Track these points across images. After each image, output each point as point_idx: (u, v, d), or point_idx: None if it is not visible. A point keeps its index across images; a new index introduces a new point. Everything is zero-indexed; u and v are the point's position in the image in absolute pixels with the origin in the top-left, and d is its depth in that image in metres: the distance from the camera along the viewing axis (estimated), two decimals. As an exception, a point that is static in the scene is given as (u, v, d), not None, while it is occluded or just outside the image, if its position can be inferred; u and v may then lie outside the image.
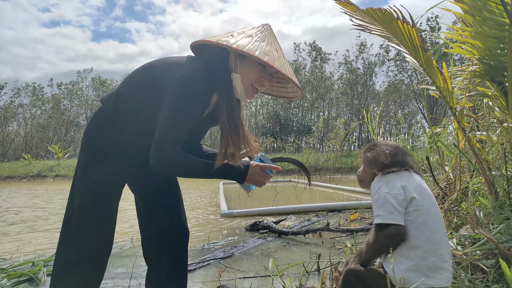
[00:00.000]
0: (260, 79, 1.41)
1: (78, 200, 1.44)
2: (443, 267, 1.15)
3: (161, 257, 1.57)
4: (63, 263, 1.44)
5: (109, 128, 1.43)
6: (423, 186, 1.25)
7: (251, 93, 1.44)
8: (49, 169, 19.89)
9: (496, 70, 2.09)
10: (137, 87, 1.41)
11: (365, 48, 30.42)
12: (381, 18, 1.94)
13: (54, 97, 36.37)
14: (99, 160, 1.44)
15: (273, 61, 1.31)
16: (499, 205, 1.92)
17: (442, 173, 3.08)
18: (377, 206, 1.21)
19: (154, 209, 1.60)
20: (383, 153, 1.33)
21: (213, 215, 5.31)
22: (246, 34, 1.38)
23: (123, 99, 1.42)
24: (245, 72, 1.39)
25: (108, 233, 1.53)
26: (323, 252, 2.84)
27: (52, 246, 3.56)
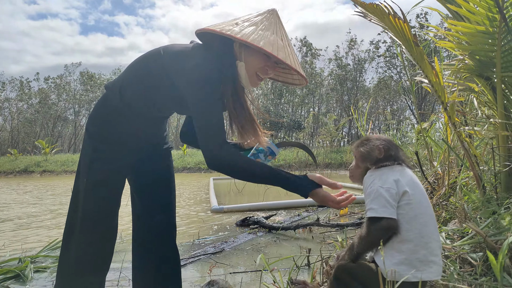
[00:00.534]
0: (264, 68, 1.40)
1: (84, 189, 1.42)
2: (434, 260, 1.15)
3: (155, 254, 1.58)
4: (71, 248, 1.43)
5: (117, 115, 1.43)
6: (414, 180, 1.25)
7: (255, 81, 1.43)
8: (36, 165, 19.59)
9: (484, 65, 2.10)
10: (144, 74, 1.40)
11: (355, 44, 30.53)
12: (374, 13, 1.95)
13: (41, 91, 35.71)
14: (108, 147, 1.43)
15: (277, 51, 1.30)
16: (486, 200, 1.95)
17: (431, 168, 3.11)
18: (370, 200, 1.20)
19: (151, 206, 1.60)
20: (377, 148, 1.32)
21: (203, 210, 5.29)
22: (251, 22, 1.36)
23: (130, 86, 1.42)
24: (250, 61, 1.38)
25: (115, 222, 1.52)
26: (313, 247, 2.85)
27: (39, 243, 3.50)
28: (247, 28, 1.32)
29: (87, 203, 1.41)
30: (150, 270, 1.58)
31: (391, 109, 31.95)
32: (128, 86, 1.42)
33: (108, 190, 1.45)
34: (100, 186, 1.42)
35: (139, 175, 1.60)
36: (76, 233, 1.42)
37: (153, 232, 1.58)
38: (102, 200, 1.44)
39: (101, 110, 1.47)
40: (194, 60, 1.32)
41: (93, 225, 1.42)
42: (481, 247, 1.52)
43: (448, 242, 1.65)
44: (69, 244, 1.43)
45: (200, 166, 17.54)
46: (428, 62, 1.95)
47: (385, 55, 28.22)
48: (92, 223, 1.42)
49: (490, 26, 1.91)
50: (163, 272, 1.58)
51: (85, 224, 1.42)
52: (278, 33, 1.37)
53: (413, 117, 26.51)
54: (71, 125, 38.45)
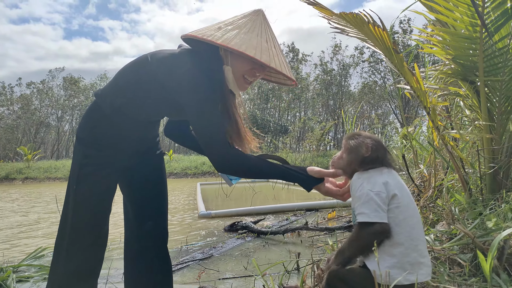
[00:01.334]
0: (251, 71, 1.38)
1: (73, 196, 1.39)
2: (423, 262, 1.16)
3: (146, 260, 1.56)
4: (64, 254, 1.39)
5: (107, 121, 1.41)
6: (402, 183, 1.26)
7: (243, 85, 1.41)
8: (18, 172, 19.11)
9: (468, 69, 2.15)
10: (133, 81, 1.39)
11: (339, 49, 30.91)
12: (354, 22, 1.97)
13: (23, 97, 34.96)
14: (98, 153, 1.41)
15: (260, 54, 1.27)
16: (472, 201, 1.98)
17: (415, 171, 3.15)
18: (360, 204, 1.19)
19: (143, 212, 1.58)
20: (365, 145, 1.29)
21: (191, 216, 5.24)
22: (235, 26, 1.34)
23: (119, 94, 1.40)
24: (236, 64, 1.37)
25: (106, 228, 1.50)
26: (302, 251, 2.85)
27: (22, 252, 3.40)
28: (229, 33, 1.30)
29: (77, 209, 1.39)
30: (142, 276, 1.56)
31: (376, 113, 32.40)
32: (117, 93, 1.41)
33: (99, 196, 1.42)
34: (90, 193, 1.40)
35: (130, 181, 1.58)
36: (67, 239, 1.39)
37: (145, 238, 1.56)
38: (92, 207, 1.41)
39: (91, 117, 1.45)
40: (184, 66, 1.31)
41: (83, 232, 1.40)
42: (469, 248, 1.54)
43: (437, 243, 1.67)
44: (60, 250, 1.40)
45: (187, 171, 17.41)
46: (408, 69, 1.97)
47: (370, 60, 28.64)
48: (82, 229, 1.40)
49: (473, 32, 1.96)
50: (155, 278, 1.56)
51: (75, 231, 1.39)
52: (262, 35, 1.35)
53: (397, 121, 26.96)
54: (54, 131, 37.75)
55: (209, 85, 1.31)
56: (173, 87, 1.32)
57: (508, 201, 1.82)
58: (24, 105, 34.31)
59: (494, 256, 1.18)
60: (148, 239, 1.57)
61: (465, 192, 2.10)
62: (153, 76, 1.35)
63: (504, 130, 2.08)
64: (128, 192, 1.60)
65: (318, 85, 32.07)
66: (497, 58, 2.00)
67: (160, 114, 1.51)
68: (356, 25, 2.02)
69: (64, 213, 1.43)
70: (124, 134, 1.44)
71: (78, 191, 1.39)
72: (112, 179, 1.47)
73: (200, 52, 1.40)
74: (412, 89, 2.12)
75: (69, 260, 1.38)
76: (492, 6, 1.89)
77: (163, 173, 1.68)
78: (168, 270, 1.62)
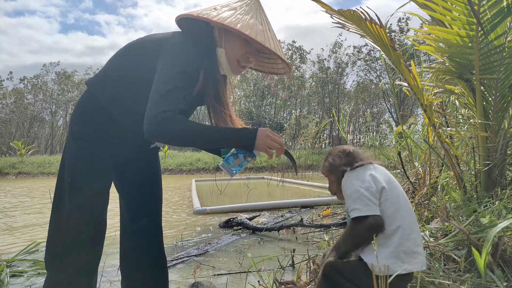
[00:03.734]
0: (245, 55, 1.36)
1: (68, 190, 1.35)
2: (417, 251, 1.18)
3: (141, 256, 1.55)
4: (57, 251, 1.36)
5: (101, 112, 1.37)
6: (389, 176, 1.29)
7: (237, 69, 1.39)
8: (11, 166, 18.93)
9: (464, 68, 2.16)
10: (127, 66, 1.36)
11: (340, 47, 30.91)
12: (351, 19, 1.97)
13: (16, 91, 34.59)
14: (92, 146, 1.37)
15: (255, 34, 1.25)
16: (467, 199, 2.00)
17: (411, 169, 3.16)
18: (352, 201, 1.22)
19: (137, 208, 1.56)
20: (337, 155, 1.37)
21: (185, 212, 5.23)
22: (230, 7, 1.32)
23: (112, 80, 1.36)
24: (230, 47, 1.35)
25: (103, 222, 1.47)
26: (297, 248, 2.86)
27: (15, 246, 3.38)
28: (225, 13, 1.29)
29: (73, 204, 1.35)
30: (137, 271, 1.55)
31: (371, 112, 32.51)
32: (110, 80, 1.36)
33: (93, 189, 1.39)
34: (85, 186, 1.36)
35: (125, 176, 1.56)
36: (64, 235, 1.35)
37: (139, 234, 1.55)
38: (88, 200, 1.38)
39: (84, 108, 1.40)
40: (172, 40, 1.29)
41: (81, 227, 1.36)
42: (464, 245, 1.56)
43: (432, 240, 1.68)
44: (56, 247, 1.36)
45: (182, 168, 17.37)
46: (405, 65, 1.98)
47: (366, 58, 28.71)
48: (80, 224, 1.36)
49: (469, 30, 1.96)
50: (150, 273, 1.55)
51: (72, 226, 1.35)
52: (258, 18, 1.33)
53: (392, 119, 27.07)
54: (48, 125, 37.44)
55: (192, 63, 1.28)
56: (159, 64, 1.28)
57: (502, 199, 1.84)
58: (18, 99, 33.97)
59: (488, 252, 1.19)
60: (142, 235, 1.55)
61: (460, 190, 2.11)
62: (146, 60, 1.32)
63: (499, 128, 2.09)
64: (122, 187, 1.58)
65: (314, 83, 32.08)
66: (492, 56, 2.01)
67: None
68: (354, 22, 2.02)
69: (56, 208, 1.38)
70: (121, 127, 1.40)
71: (73, 186, 1.35)
72: (108, 173, 1.44)
73: (194, 33, 1.37)
74: (409, 86, 2.12)
75: (68, 257, 1.35)
76: (488, 4, 1.90)
77: (158, 168, 1.66)
78: (163, 265, 1.61)
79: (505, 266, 1.41)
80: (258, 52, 1.40)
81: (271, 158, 1.30)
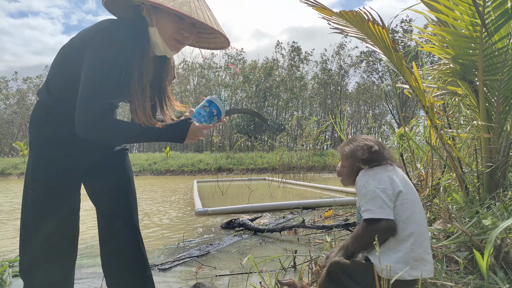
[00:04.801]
0: (178, 31, 1.30)
1: (31, 202, 1.34)
2: (427, 258, 1.16)
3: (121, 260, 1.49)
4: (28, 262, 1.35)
5: (52, 115, 1.35)
6: (407, 180, 1.26)
7: (174, 45, 1.34)
8: (13, 167, 18.97)
9: (467, 69, 2.16)
10: (63, 62, 1.34)
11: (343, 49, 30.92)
12: (353, 20, 1.97)
13: (20, 91, 34.71)
14: (48, 152, 1.35)
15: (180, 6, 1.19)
16: (470, 200, 1.99)
17: (414, 170, 3.16)
18: (366, 201, 1.19)
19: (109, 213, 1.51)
20: (361, 148, 1.32)
21: (187, 213, 5.23)
22: None
23: (53, 82, 1.35)
24: (162, 25, 1.30)
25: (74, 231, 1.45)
26: (299, 249, 2.85)
27: (17, 247, 3.38)
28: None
29: (36, 214, 1.33)
30: (118, 276, 1.49)
31: (373, 113, 32.48)
32: (53, 79, 1.35)
33: (57, 199, 1.35)
34: (46, 196, 1.33)
35: (91, 180, 1.51)
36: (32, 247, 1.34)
37: (115, 238, 1.49)
38: (50, 210, 1.34)
39: (34, 115, 1.38)
40: (96, 28, 1.26)
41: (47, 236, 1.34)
42: (466, 246, 1.55)
43: (434, 241, 1.68)
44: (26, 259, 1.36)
45: (183, 169, 17.37)
46: (407, 67, 1.98)
47: (368, 59, 28.70)
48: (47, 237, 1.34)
49: (473, 31, 1.96)
50: (133, 278, 1.49)
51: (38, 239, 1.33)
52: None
53: (394, 121, 27.04)
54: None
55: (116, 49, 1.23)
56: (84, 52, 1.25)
57: (504, 200, 1.83)
58: (20, 99, 34.08)
59: (490, 253, 1.19)
60: (118, 239, 1.49)
61: (462, 191, 2.11)
62: (74, 49, 1.29)
63: (502, 129, 2.09)
64: (90, 192, 1.53)
65: (316, 84, 32.09)
66: (496, 58, 2.01)
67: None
68: (355, 23, 2.02)
69: (22, 219, 1.36)
70: (71, 126, 1.27)
71: (36, 197, 1.33)
72: (70, 179, 1.40)
73: (120, 17, 1.34)
74: (410, 88, 2.12)
75: (37, 268, 1.34)
76: (492, 6, 1.89)
77: (127, 169, 1.59)
78: (145, 267, 1.53)
79: (507, 268, 1.40)
80: (194, 27, 1.33)
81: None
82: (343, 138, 4.14)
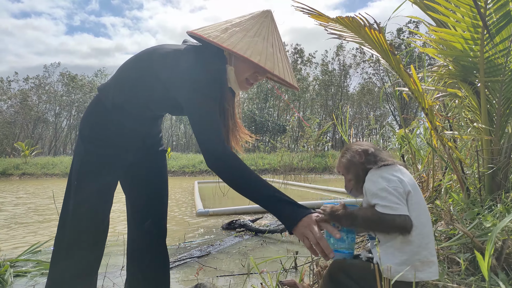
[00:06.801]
0: (253, 74, 1.38)
1: (74, 191, 1.40)
2: (433, 260, 1.15)
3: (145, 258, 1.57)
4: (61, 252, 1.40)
5: (109, 117, 1.41)
6: (413, 181, 1.25)
7: (245, 86, 1.41)
8: (15, 167, 19.05)
9: (468, 70, 2.16)
10: (135, 76, 1.39)
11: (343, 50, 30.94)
12: (350, 26, 1.97)
13: (22, 92, 34.84)
14: (99, 150, 1.41)
15: (265, 61, 1.26)
16: (471, 202, 1.99)
17: (415, 172, 3.16)
18: (380, 199, 1.16)
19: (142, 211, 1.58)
20: (357, 153, 1.31)
21: (188, 214, 5.24)
22: (241, 28, 1.32)
23: (122, 88, 1.40)
24: (240, 66, 1.36)
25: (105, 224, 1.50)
26: (300, 250, 2.85)
27: (19, 247, 3.39)
28: (235, 35, 1.29)
29: (78, 206, 1.39)
30: (139, 273, 1.56)
31: (374, 115, 32.47)
32: (119, 89, 1.41)
33: (99, 193, 1.42)
34: (91, 190, 1.40)
35: (131, 179, 1.58)
36: (67, 236, 1.39)
37: (143, 237, 1.56)
38: (93, 204, 1.41)
39: (92, 112, 1.45)
40: (185, 63, 1.30)
41: (84, 229, 1.40)
42: (468, 248, 1.55)
43: (435, 242, 1.67)
44: (60, 248, 1.40)
45: (184, 169, 17.39)
46: (405, 70, 1.98)
47: (370, 60, 28.71)
48: (83, 227, 1.40)
49: (474, 33, 1.96)
50: (152, 277, 1.56)
51: (75, 228, 1.39)
52: (269, 39, 1.33)
53: (395, 122, 27.02)
54: (52, 127, 37.64)
55: (209, 84, 1.29)
56: (173, 84, 1.31)
57: (506, 202, 1.83)
58: (23, 99, 34.19)
59: (491, 254, 1.18)
60: (147, 237, 1.57)
61: (463, 193, 2.10)
62: (154, 72, 1.34)
63: (504, 131, 2.09)
64: (128, 190, 1.60)
65: (318, 86, 32.11)
66: (497, 59, 2.01)
67: (161, 110, 1.50)
68: (352, 28, 2.02)
69: (64, 210, 1.43)
70: (125, 130, 1.43)
71: (78, 188, 1.39)
72: (114, 176, 1.47)
73: (204, 50, 1.37)
74: (410, 90, 2.12)
75: (69, 258, 1.38)
76: (494, 7, 1.89)
77: (165, 171, 1.67)
78: (166, 268, 1.62)
79: (509, 269, 1.40)
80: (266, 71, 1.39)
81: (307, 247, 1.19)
82: (345, 138, 4.14)
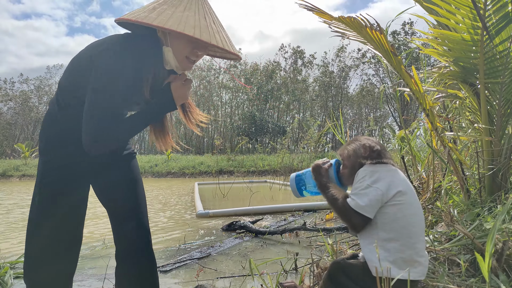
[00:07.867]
0: (193, 51, 1.33)
1: (36, 208, 1.37)
2: (419, 261, 1.17)
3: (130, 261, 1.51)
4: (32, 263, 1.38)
5: (60, 123, 1.38)
6: (407, 181, 1.27)
7: (187, 65, 1.36)
8: (15, 169, 19.01)
9: (468, 72, 2.16)
10: (69, 77, 1.36)
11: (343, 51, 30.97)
12: (352, 25, 1.98)
13: (22, 93, 34.86)
14: (56, 159, 1.38)
15: (200, 33, 1.21)
16: (471, 203, 1.99)
17: (415, 173, 3.16)
18: (357, 191, 1.23)
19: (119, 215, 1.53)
20: (363, 146, 1.34)
21: (188, 215, 5.23)
22: (169, 4, 1.27)
23: (62, 93, 1.37)
24: (176, 45, 1.31)
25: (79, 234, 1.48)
26: (300, 251, 2.85)
27: (19, 249, 3.39)
28: (165, 12, 1.23)
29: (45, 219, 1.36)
30: (127, 276, 1.52)
31: (374, 116, 32.48)
32: (61, 90, 1.38)
33: (63, 201, 1.38)
34: (53, 199, 1.36)
35: (100, 184, 1.54)
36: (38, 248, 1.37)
37: (126, 239, 1.51)
38: (57, 213, 1.37)
39: (43, 124, 1.42)
40: (102, 46, 1.26)
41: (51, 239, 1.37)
42: (468, 249, 1.55)
43: (436, 244, 1.67)
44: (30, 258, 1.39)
45: (184, 171, 17.38)
46: (406, 71, 1.98)
47: (370, 61, 28.73)
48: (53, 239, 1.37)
49: (474, 34, 1.97)
50: (140, 278, 1.51)
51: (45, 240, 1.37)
52: (200, 12, 1.28)
53: (396, 124, 27.02)
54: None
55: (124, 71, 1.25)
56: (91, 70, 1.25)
57: (505, 203, 1.83)
58: (23, 101, 34.19)
59: (491, 255, 1.18)
60: (128, 240, 1.51)
61: (463, 194, 2.10)
62: (80, 62, 1.31)
63: (504, 132, 2.09)
64: (100, 195, 1.55)
65: (318, 87, 32.13)
66: (497, 60, 2.01)
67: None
68: (354, 28, 2.03)
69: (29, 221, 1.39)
70: (77, 133, 1.31)
71: (42, 200, 1.36)
72: (78, 184, 1.43)
73: (135, 34, 1.34)
74: (411, 91, 2.12)
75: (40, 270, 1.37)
76: (493, 9, 1.90)
77: (135, 172, 1.61)
78: (153, 269, 1.56)
79: (510, 270, 1.40)
80: (208, 47, 1.36)
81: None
82: (342, 141, 4.15)
